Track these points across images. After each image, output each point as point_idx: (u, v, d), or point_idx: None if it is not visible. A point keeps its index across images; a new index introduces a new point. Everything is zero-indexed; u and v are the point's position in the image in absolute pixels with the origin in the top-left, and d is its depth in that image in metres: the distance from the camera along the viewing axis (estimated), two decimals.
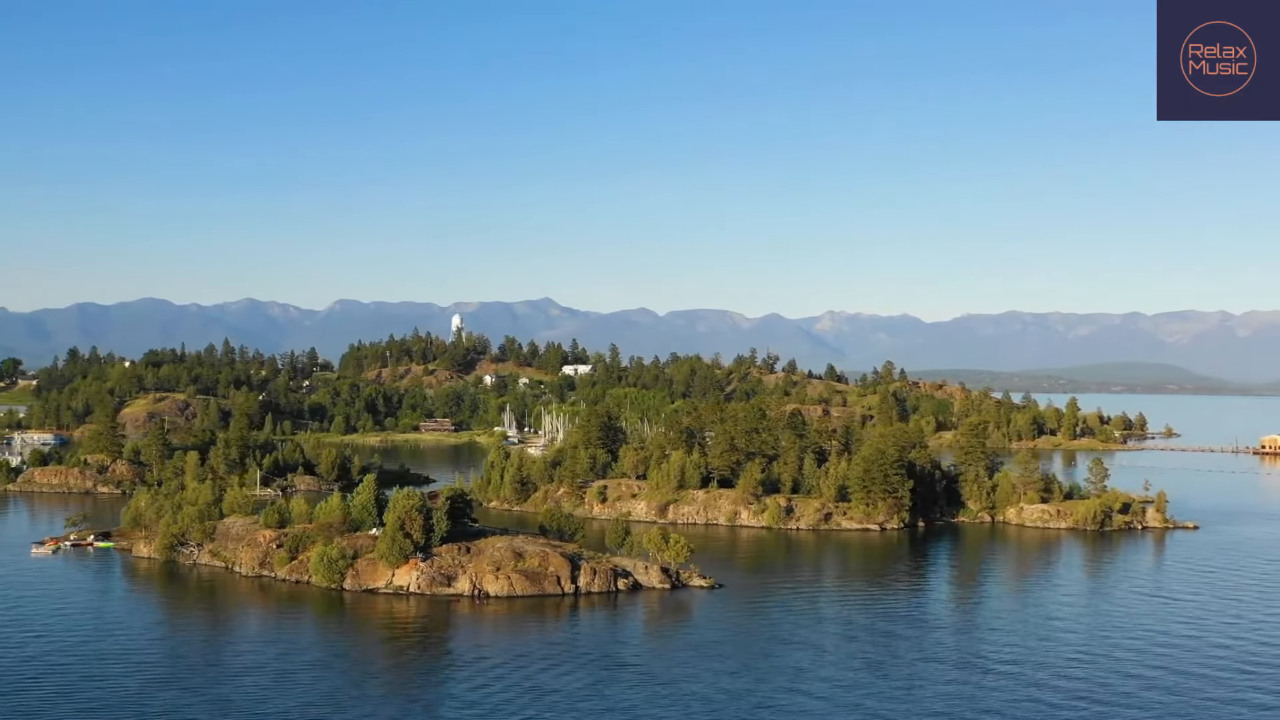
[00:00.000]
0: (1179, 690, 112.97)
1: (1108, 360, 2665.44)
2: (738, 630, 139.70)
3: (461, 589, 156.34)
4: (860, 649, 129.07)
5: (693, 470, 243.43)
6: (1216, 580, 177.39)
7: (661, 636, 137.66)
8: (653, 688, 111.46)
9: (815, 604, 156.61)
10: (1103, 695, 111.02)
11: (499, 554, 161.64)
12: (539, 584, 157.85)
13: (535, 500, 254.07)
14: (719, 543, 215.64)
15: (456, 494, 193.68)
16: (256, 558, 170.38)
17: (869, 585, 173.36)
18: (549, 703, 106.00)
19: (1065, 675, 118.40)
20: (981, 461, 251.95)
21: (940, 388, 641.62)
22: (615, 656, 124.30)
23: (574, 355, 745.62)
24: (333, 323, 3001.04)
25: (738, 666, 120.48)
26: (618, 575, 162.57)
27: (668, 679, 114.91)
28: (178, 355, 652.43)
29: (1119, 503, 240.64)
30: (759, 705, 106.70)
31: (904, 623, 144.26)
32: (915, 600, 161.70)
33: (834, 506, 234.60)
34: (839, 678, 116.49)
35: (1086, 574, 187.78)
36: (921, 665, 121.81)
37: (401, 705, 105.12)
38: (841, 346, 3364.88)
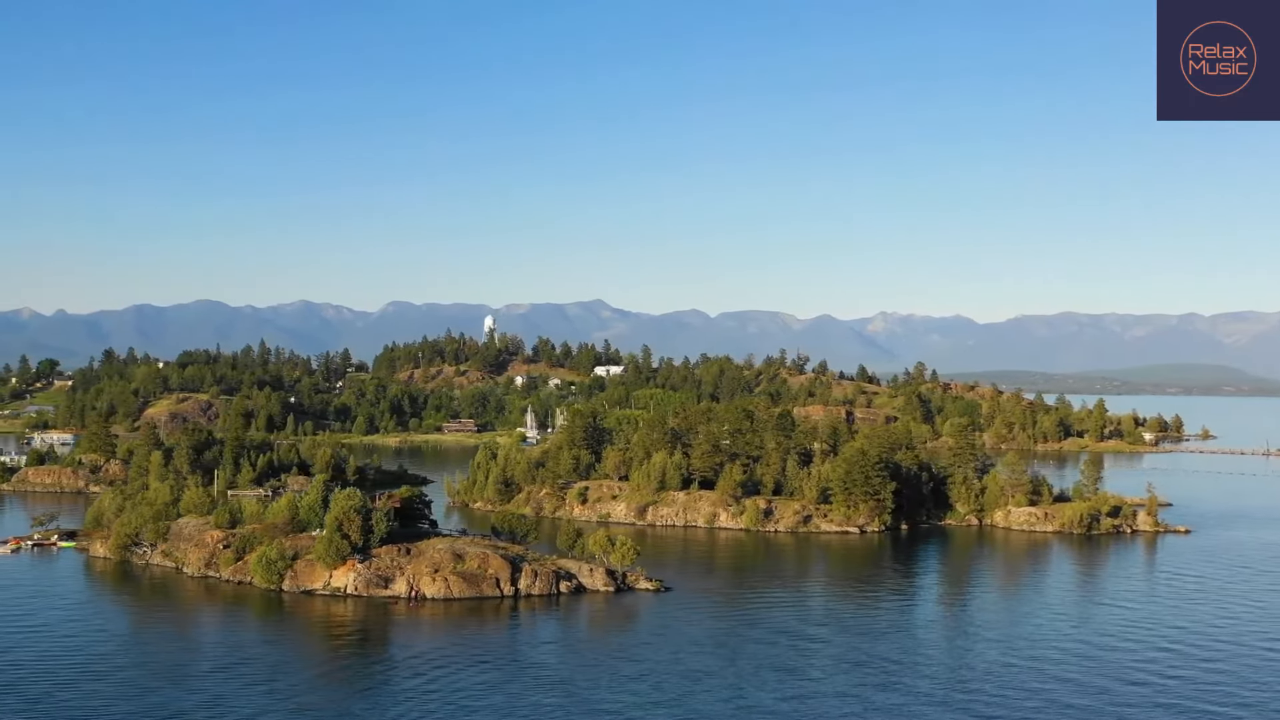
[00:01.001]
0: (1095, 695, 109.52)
1: (1163, 362, 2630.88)
2: (662, 634, 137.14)
3: (398, 591, 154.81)
4: (774, 653, 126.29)
5: (673, 471, 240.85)
6: (1179, 586, 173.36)
7: (580, 640, 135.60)
8: (541, 692, 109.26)
9: (756, 607, 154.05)
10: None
11: (439, 556, 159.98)
12: (477, 586, 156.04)
13: (518, 501, 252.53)
14: (689, 545, 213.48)
15: (413, 495, 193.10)
16: (203, 558, 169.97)
17: (819, 588, 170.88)
18: (425, 705, 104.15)
19: (970, 690, 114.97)
20: (970, 463, 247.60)
21: (972, 389, 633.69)
22: (520, 660, 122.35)
23: (607, 356, 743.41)
24: (385, 324, 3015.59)
25: (642, 670, 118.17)
26: (560, 578, 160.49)
27: (560, 681, 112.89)
28: (211, 356, 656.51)
29: (1108, 506, 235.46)
30: (639, 709, 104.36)
31: (833, 628, 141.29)
32: (856, 605, 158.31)
33: (814, 509, 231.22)
34: (737, 684, 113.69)
35: (1050, 579, 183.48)
36: (829, 673, 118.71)
37: (283, 711, 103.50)
38: (893, 348, 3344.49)
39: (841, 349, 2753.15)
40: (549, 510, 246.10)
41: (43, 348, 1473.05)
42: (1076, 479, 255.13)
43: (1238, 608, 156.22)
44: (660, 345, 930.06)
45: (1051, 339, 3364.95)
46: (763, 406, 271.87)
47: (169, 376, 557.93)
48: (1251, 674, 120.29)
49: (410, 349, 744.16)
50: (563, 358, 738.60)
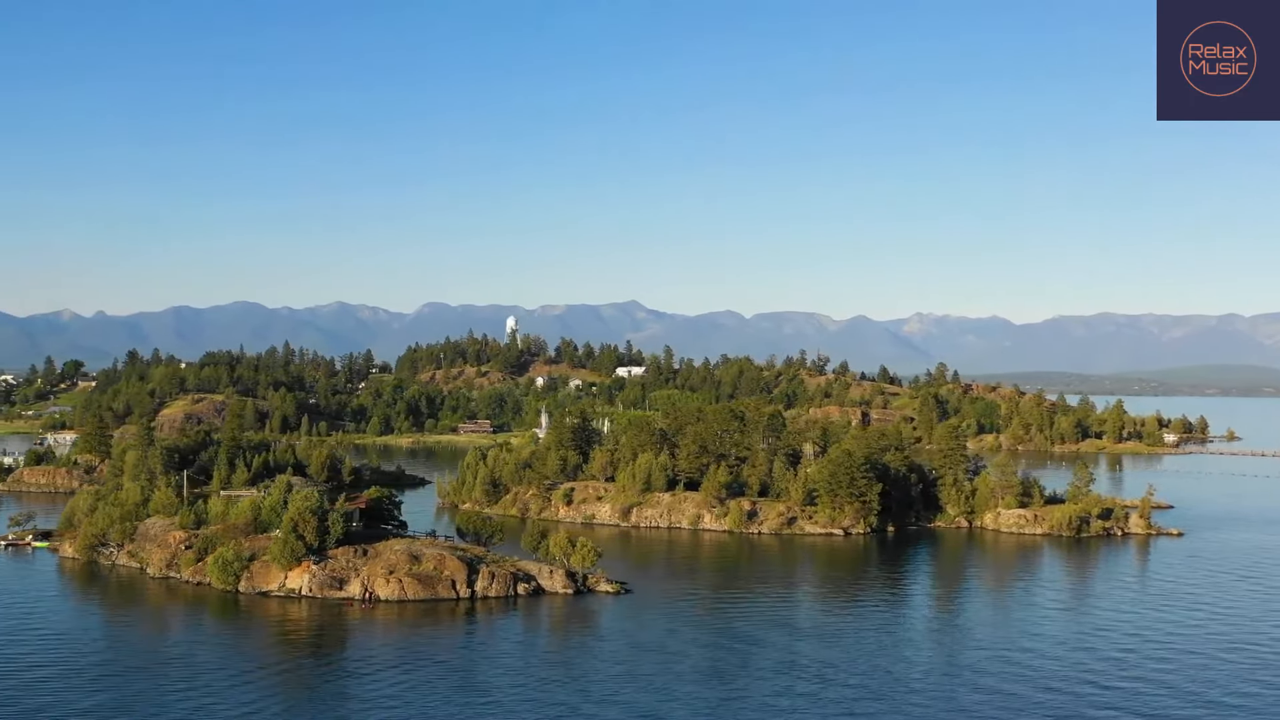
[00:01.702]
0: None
1: (1202, 363, 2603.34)
2: (606, 637, 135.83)
3: (353, 592, 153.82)
4: (714, 656, 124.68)
5: (659, 473, 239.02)
6: (1149, 590, 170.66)
7: (518, 642, 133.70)
8: (460, 695, 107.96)
9: (714, 609, 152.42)
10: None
11: (395, 557, 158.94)
12: (432, 588, 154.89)
13: (505, 502, 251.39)
14: (668, 547, 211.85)
15: (381, 496, 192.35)
16: (165, 559, 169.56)
17: (783, 591, 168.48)
18: (340, 708, 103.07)
19: (896, 696, 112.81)
20: (961, 465, 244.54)
21: (993, 390, 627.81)
22: (450, 663, 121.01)
23: (630, 357, 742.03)
24: (420, 325, 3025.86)
25: (573, 673, 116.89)
26: (518, 580, 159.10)
27: (484, 684, 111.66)
28: (234, 357, 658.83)
29: (1098, 508, 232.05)
30: (554, 711, 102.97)
31: (783, 631, 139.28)
32: (814, 608, 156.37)
33: (800, 510, 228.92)
34: (665, 687, 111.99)
35: (1018, 583, 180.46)
36: (760, 677, 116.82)
37: (181, 711, 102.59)
38: (929, 349, 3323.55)
39: (877, 350, 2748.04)
40: (534, 511, 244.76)
41: (82, 349, 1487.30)
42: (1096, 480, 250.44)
43: (1201, 613, 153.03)
44: (695, 346, 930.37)
45: (1088, 340, 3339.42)
46: (752, 407, 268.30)
47: (186, 377, 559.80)
48: (1194, 678, 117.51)
49: (432, 350, 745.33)
50: (585, 359, 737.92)
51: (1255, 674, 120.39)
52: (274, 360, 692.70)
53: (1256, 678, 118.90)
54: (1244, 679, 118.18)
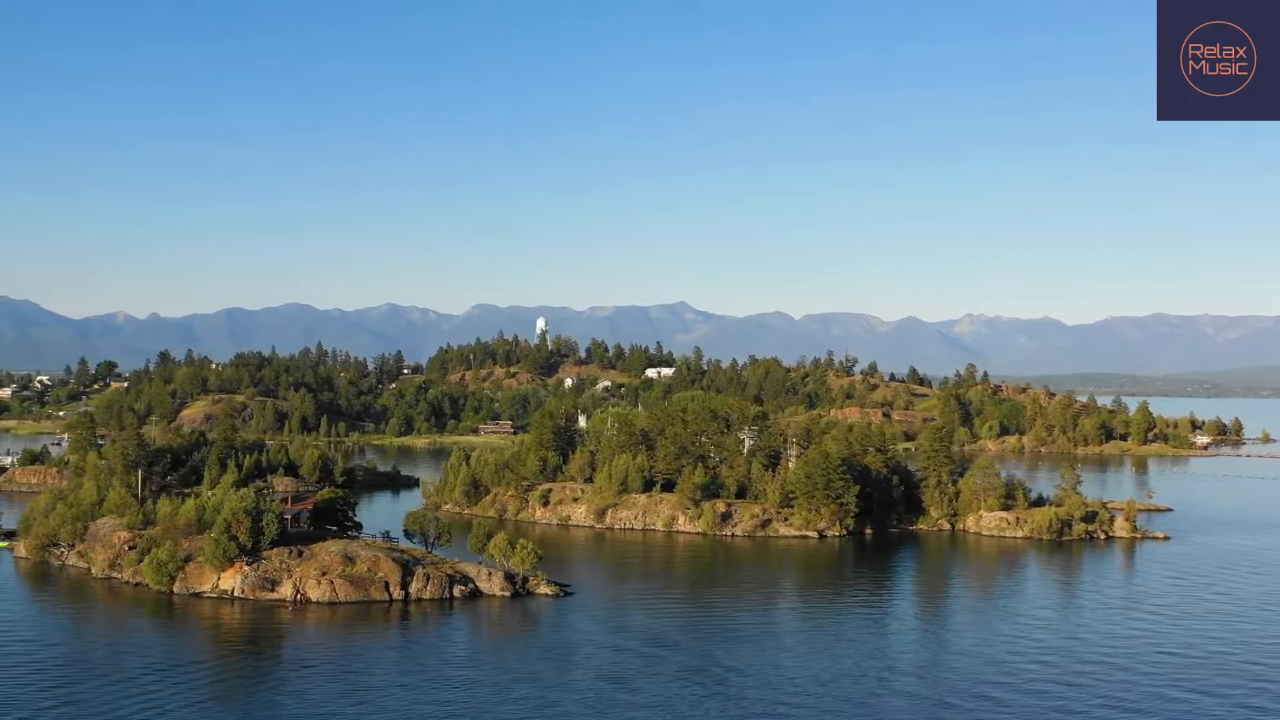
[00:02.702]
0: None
1: (1258, 364, 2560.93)
2: (518, 640, 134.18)
3: (285, 594, 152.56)
4: (619, 660, 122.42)
5: (635, 474, 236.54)
6: (1105, 596, 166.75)
7: (427, 645, 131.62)
8: (342, 697, 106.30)
9: (651, 612, 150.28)
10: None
11: (329, 558, 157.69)
12: (365, 590, 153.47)
13: (484, 503, 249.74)
14: (635, 548, 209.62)
15: (334, 497, 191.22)
16: (108, 559, 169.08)
17: (730, 594, 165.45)
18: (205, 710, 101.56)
19: (797, 703, 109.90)
20: (945, 467, 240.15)
21: (1023, 391, 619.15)
22: (347, 665, 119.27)
23: (659, 359, 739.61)
24: (470, 326, 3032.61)
25: (467, 677, 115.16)
26: (455, 582, 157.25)
27: (371, 686, 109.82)
28: (264, 358, 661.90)
29: (1081, 511, 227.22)
30: (426, 714, 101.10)
31: (703, 634, 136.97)
32: (754, 611, 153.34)
33: (776, 513, 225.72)
34: (553, 693, 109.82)
35: (968, 587, 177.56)
36: (659, 681, 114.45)
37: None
38: (980, 350, 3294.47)
39: (927, 351, 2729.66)
40: (512, 513, 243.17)
41: (135, 351, 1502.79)
42: (1114, 482, 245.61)
43: (1152, 619, 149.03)
44: (743, 347, 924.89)
45: (1142, 341, 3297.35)
46: (736, 407, 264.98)
47: (208, 378, 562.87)
48: (1116, 683, 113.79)
49: (462, 351, 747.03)
50: (615, 360, 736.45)
51: (1177, 680, 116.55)
52: (305, 361, 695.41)
53: (1177, 683, 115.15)
54: (1160, 686, 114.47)
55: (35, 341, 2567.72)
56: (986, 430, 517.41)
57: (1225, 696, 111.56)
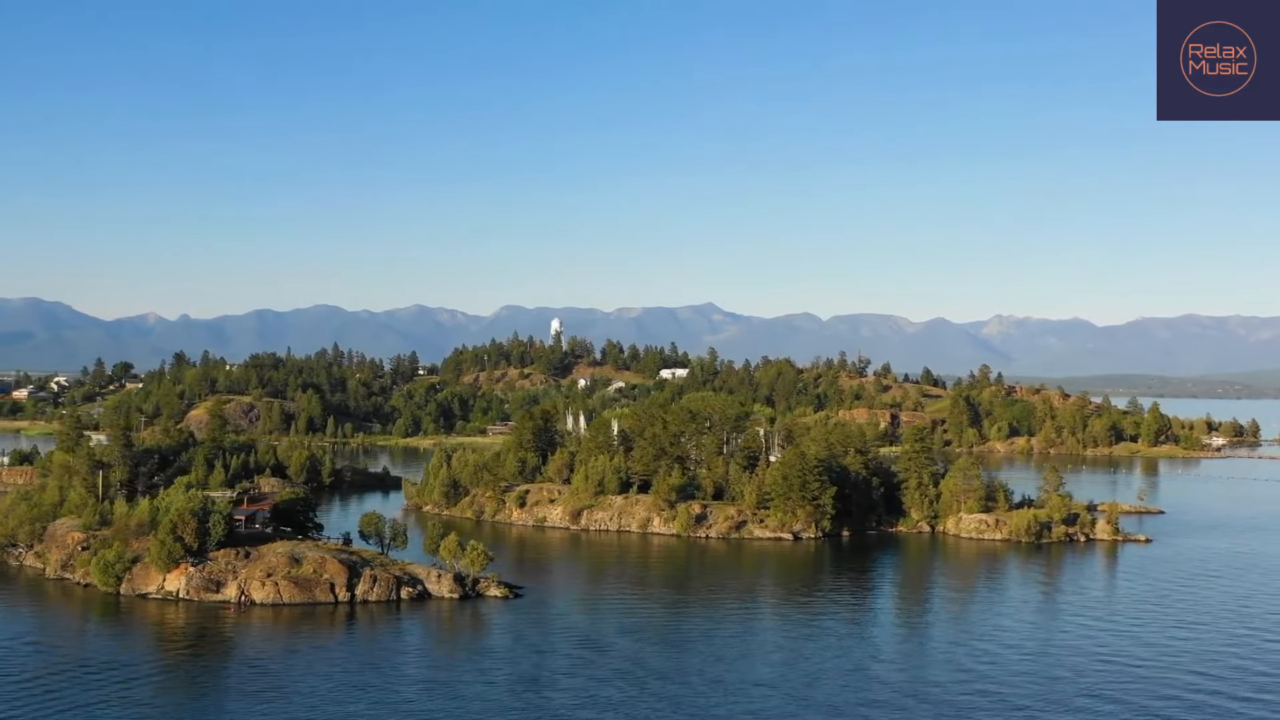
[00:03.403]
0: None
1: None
2: (450, 643, 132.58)
3: (229, 595, 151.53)
4: (547, 664, 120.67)
5: (612, 475, 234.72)
6: (1063, 601, 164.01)
7: (355, 649, 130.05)
8: (251, 699, 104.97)
9: (594, 615, 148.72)
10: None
11: (275, 560, 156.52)
12: (310, 591, 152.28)
13: (463, 505, 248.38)
14: (606, 550, 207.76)
15: (295, 498, 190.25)
16: (61, 559, 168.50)
17: (681, 596, 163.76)
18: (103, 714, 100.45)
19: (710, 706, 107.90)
20: (926, 468, 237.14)
21: (1037, 392, 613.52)
22: (263, 667, 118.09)
23: (674, 360, 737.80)
24: (498, 327, 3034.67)
25: (387, 679, 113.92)
26: (402, 583, 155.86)
27: (284, 689, 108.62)
28: (278, 359, 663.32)
29: (1061, 513, 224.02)
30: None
31: (636, 637, 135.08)
32: (700, 615, 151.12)
33: (751, 514, 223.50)
34: (467, 695, 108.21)
35: (919, 590, 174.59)
36: (582, 684, 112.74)
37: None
38: (1009, 351, 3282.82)
39: (955, 353, 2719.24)
40: (489, 514, 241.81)
41: (166, 352, 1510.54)
42: (1113, 484, 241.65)
43: (1097, 624, 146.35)
44: (771, 348, 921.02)
45: (1172, 342, 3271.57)
46: (719, 407, 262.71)
47: (217, 379, 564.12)
48: (1038, 692, 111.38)
49: (477, 352, 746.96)
50: (630, 361, 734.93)
51: (1104, 687, 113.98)
52: (320, 362, 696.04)
53: (1106, 689, 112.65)
54: (1069, 695, 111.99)
55: (67, 343, 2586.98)
56: (995, 431, 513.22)
57: (1126, 703, 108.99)
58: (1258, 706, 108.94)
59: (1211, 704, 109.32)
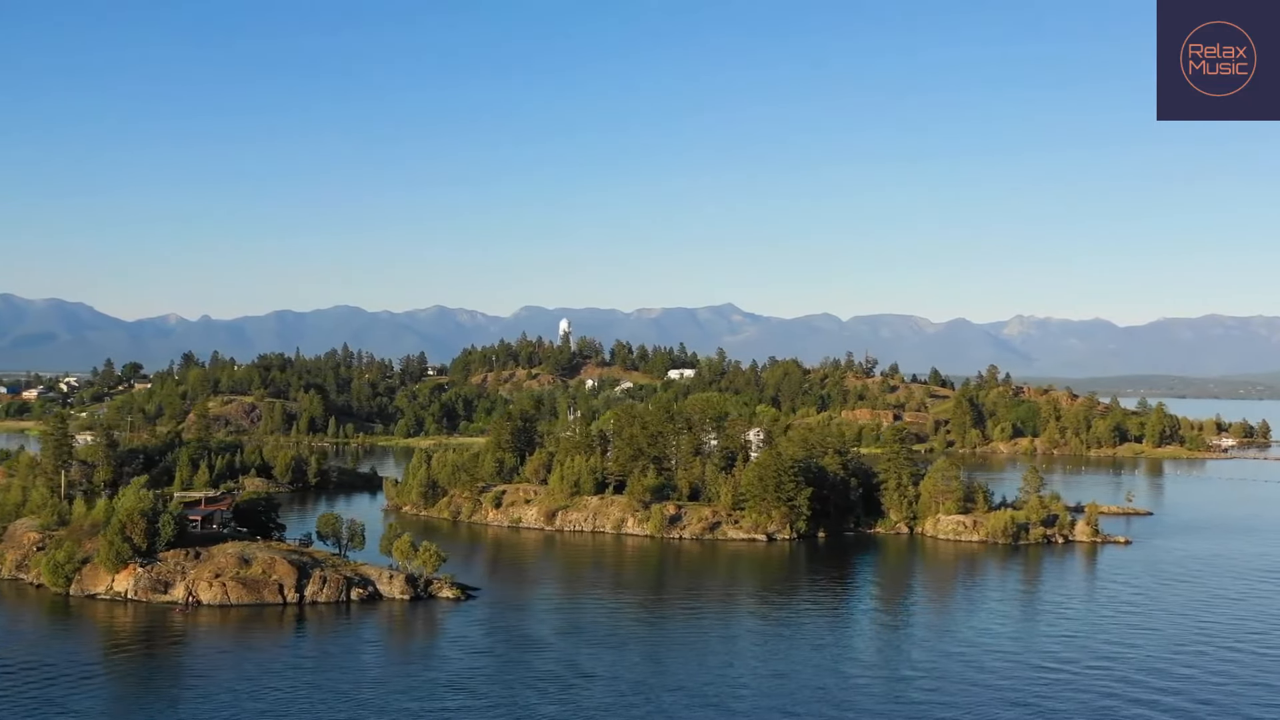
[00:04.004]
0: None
1: None
2: (387, 646, 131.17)
3: (177, 596, 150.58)
4: (478, 667, 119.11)
5: (587, 476, 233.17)
6: (1022, 605, 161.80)
7: (286, 651, 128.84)
8: (159, 700, 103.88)
9: (541, 616, 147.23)
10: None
11: (225, 560, 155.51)
12: (258, 592, 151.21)
13: (440, 505, 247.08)
14: (575, 551, 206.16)
15: (255, 498, 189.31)
16: (17, 559, 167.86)
17: (633, 598, 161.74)
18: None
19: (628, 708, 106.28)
20: (905, 469, 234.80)
21: (1045, 393, 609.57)
22: (193, 669, 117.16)
23: (683, 360, 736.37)
24: (518, 328, 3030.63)
25: (312, 682, 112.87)
26: (353, 584, 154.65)
27: (204, 691, 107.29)
28: (284, 359, 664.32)
29: (1039, 515, 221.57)
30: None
31: (575, 638, 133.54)
32: (647, 618, 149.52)
33: (726, 515, 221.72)
34: (372, 698, 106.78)
35: (872, 594, 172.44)
36: (506, 686, 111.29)
37: None
38: (1030, 352, 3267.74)
39: (976, 354, 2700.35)
40: (466, 515, 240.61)
41: (184, 352, 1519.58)
42: (1109, 485, 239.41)
43: (1049, 628, 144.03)
44: (790, 349, 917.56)
45: (1195, 343, 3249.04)
46: (698, 408, 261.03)
47: (220, 379, 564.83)
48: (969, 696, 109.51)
49: (485, 352, 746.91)
50: (638, 361, 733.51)
51: (1030, 695, 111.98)
52: (328, 363, 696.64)
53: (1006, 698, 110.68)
54: (986, 703, 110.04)
55: (89, 343, 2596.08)
56: (999, 432, 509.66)
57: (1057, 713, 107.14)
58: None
59: (1128, 712, 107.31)
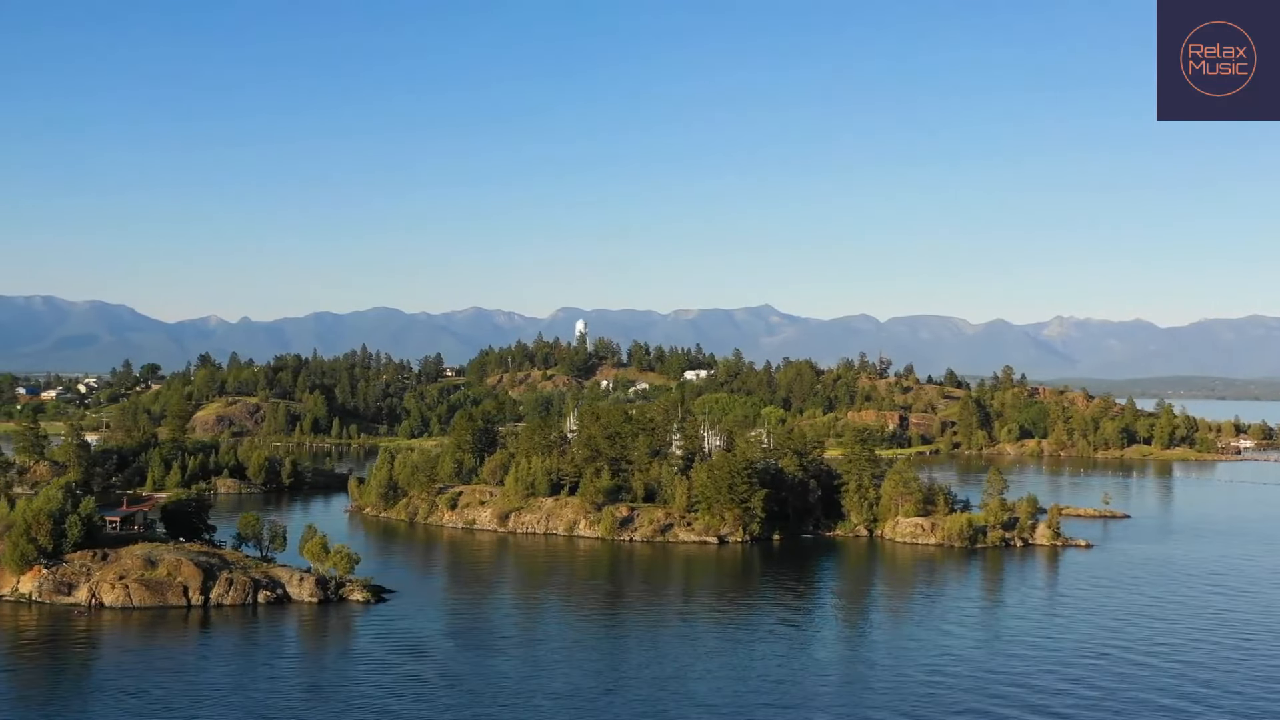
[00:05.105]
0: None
1: None
2: (269, 649, 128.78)
3: (80, 598, 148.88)
4: (348, 669, 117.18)
5: (543, 477, 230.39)
6: (951, 610, 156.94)
7: (156, 653, 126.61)
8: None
9: (446, 619, 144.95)
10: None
11: (131, 562, 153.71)
12: (161, 595, 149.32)
13: (399, 507, 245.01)
14: (525, 553, 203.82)
15: (182, 499, 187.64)
16: None
17: (565, 600, 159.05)
18: None
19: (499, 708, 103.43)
20: (866, 471, 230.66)
21: (1061, 394, 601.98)
22: (67, 672, 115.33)
23: (699, 360, 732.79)
24: (554, 330, 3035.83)
25: (185, 683, 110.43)
26: (260, 587, 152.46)
27: (56, 696, 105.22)
28: (300, 361, 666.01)
29: (998, 518, 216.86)
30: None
31: (490, 643, 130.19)
32: (560, 620, 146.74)
33: (679, 517, 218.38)
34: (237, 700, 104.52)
35: (793, 598, 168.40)
36: (391, 690, 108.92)
37: None
38: (1070, 353, 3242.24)
39: (1016, 355, 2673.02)
40: (422, 516, 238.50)
41: (226, 354, 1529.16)
42: (1100, 487, 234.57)
43: (978, 634, 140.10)
44: (829, 351, 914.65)
45: (1237, 344, 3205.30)
46: (659, 409, 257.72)
47: (226, 380, 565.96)
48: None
49: (502, 353, 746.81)
50: (654, 362, 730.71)
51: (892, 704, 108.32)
52: (345, 363, 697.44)
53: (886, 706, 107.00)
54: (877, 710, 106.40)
55: (131, 345, 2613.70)
56: (1005, 434, 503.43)
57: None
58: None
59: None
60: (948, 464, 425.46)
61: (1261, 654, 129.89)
